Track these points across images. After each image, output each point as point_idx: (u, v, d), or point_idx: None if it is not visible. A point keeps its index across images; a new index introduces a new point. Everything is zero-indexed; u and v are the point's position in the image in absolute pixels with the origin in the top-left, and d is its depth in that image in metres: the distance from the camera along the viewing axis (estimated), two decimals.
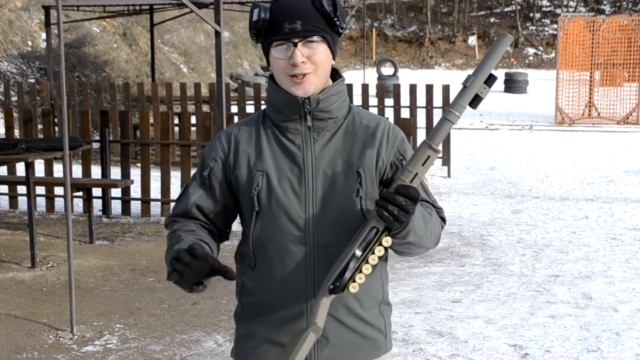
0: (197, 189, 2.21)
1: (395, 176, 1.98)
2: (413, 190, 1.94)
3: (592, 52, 19.79)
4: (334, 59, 2.16)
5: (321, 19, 2.10)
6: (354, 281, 1.99)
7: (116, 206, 9.19)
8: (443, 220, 2.26)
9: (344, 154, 2.15)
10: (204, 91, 13.96)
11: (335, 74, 2.20)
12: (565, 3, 39.56)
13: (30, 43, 17.30)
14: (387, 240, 1.98)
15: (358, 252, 1.98)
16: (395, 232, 1.97)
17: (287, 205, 2.12)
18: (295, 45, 2.07)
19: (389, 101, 12.33)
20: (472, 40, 37.39)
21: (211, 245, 2.13)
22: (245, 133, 2.20)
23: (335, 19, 2.10)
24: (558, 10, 37.02)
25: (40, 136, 10.36)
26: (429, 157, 1.97)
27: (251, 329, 2.19)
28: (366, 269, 1.99)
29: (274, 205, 2.12)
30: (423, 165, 1.97)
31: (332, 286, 1.99)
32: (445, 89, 11.66)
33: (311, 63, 2.09)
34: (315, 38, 2.09)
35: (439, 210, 2.24)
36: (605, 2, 39.53)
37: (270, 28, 2.09)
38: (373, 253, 1.99)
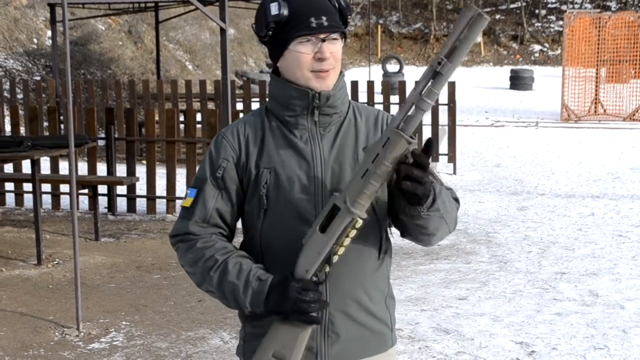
0: (213, 190, 2.16)
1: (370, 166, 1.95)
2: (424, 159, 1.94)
3: (598, 48, 19.74)
4: None
5: (339, 16, 2.11)
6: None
7: (122, 203, 9.19)
8: (456, 200, 2.24)
9: (350, 148, 2.16)
10: (210, 88, 13.98)
11: None
12: (570, 0, 39.46)
13: (35, 41, 17.32)
14: (358, 222, 1.99)
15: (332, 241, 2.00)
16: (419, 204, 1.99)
17: (296, 202, 2.10)
18: (323, 40, 2.07)
19: (394, 98, 12.29)
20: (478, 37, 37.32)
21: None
22: (251, 130, 2.17)
23: (349, 16, 2.12)
24: (564, 7, 36.93)
25: (46, 134, 10.37)
26: (406, 150, 1.93)
27: (260, 327, 2.17)
28: (340, 251, 2.02)
29: (283, 202, 2.11)
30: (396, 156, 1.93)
31: (316, 278, 2.03)
32: (451, 85, 11.62)
33: (333, 59, 2.10)
34: (336, 35, 2.10)
35: (450, 190, 2.23)
36: None
37: (293, 23, 2.06)
38: (347, 236, 2.01)
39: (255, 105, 13.33)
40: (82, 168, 10.26)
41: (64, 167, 9.49)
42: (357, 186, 1.95)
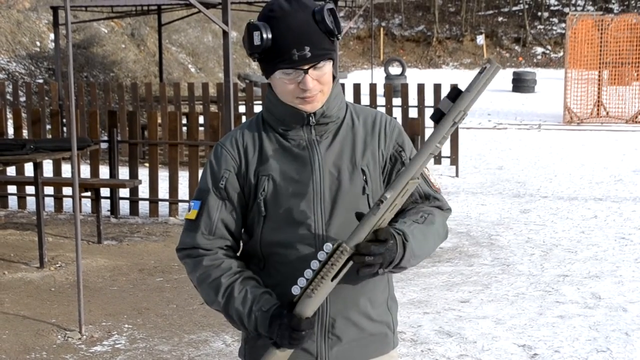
0: (217, 201, 2.15)
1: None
2: (383, 234, 1.96)
3: (600, 51, 19.73)
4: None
5: (325, 37, 2.06)
6: None
7: (124, 206, 9.20)
8: (448, 210, 2.25)
9: (348, 153, 2.16)
10: (212, 91, 13.97)
11: None
12: (573, 2, 39.45)
13: (38, 43, 17.34)
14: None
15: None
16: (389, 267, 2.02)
17: (295, 208, 2.11)
18: (306, 72, 2.05)
19: (396, 101, 12.30)
20: (480, 39, 37.33)
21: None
22: (249, 139, 2.18)
23: (337, 32, 2.07)
24: (566, 9, 36.94)
25: (49, 136, 10.38)
26: (406, 185, 1.95)
27: None
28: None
29: (281, 208, 2.12)
30: (402, 196, 1.96)
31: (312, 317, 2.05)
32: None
33: (319, 83, 2.08)
34: (322, 62, 2.07)
35: (441, 203, 2.23)
36: (613, 1, 39.41)
37: (277, 54, 2.04)
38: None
39: (257, 108, 13.35)
40: (85, 171, 10.28)
41: (66, 170, 9.50)
42: (368, 232, 1.97)
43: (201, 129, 11.83)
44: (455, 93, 1.89)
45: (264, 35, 2.02)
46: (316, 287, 1.98)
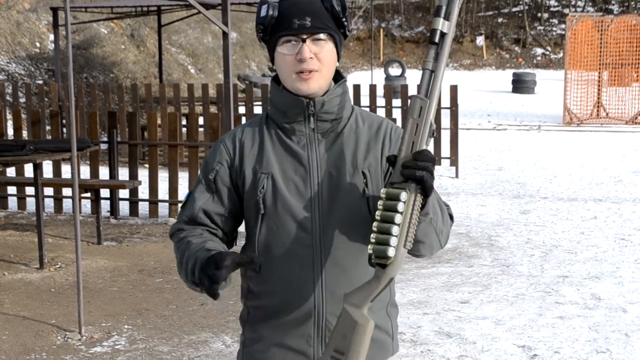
0: (203, 193, 2.18)
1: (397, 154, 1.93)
2: (428, 152, 1.91)
3: (600, 52, 19.75)
4: (338, 60, 2.15)
5: (330, 18, 2.10)
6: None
7: (124, 207, 9.20)
8: (451, 217, 2.19)
9: (349, 154, 2.14)
10: (212, 92, 13.97)
11: (337, 75, 2.19)
12: (573, 3, 39.47)
13: (38, 44, 17.34)
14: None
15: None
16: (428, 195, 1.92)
17: (293, 207, 2.10)
18: (304, 41, 2.06)
19: (396, 102, 12.30)
20: (480, 40, 37.34)
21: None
22: (249, 135, 2.18)
23: (344, 19, 2.11)
24: (566, 10, 36.94)
25: (49, 137, 10.38)
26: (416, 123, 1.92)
27: (259, 332, 2.18)
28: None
29: (280, 207, 2.11)
30: (415, 134, 1.91)
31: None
32: (453, 89, 11.62)
33: (317, 60, 2.08)
34: (323, 36, 2.08)
35: (447, 207, 2.21)
36: (613, 2, 39.43)
37: (279, 24, 2.08)
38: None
39: (257, 109, 13.35)
40: (85, 172, 10.28)
41: (66, 171, 9.50)
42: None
43: (201, 129, 11.83)
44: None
45: (270, 11, 2.08)
46: (409, 235, 1.90)
